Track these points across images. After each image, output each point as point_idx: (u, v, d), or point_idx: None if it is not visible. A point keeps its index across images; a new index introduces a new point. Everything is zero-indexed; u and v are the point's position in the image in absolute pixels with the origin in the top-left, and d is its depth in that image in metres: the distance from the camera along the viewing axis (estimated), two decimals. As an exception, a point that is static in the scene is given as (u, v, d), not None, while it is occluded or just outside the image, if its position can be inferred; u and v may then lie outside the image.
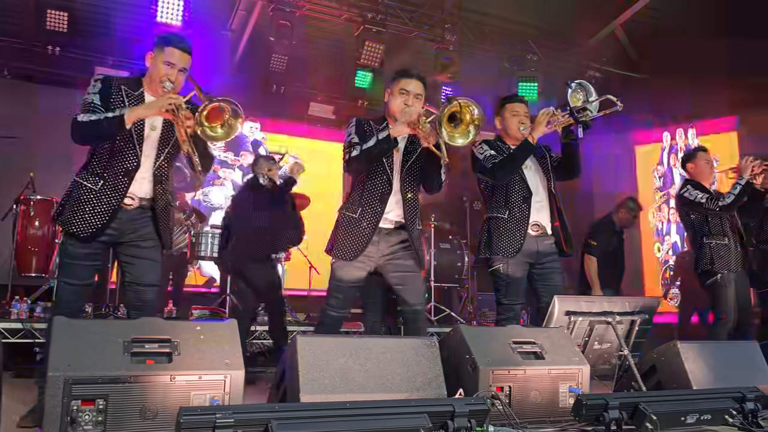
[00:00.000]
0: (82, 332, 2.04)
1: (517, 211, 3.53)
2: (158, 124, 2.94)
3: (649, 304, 3.23)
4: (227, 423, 1.71)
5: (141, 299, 2.94)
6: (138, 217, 2.94)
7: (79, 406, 1.90)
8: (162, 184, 2.97)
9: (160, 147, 2.95)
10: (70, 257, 2.85)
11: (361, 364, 2.33)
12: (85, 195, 2.84)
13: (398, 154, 3.16)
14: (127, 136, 2.85)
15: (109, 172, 2.86)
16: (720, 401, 2.47)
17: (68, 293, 2.86)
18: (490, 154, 3.57)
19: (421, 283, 3.28)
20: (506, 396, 2.49)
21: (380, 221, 3.10)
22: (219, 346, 2.17)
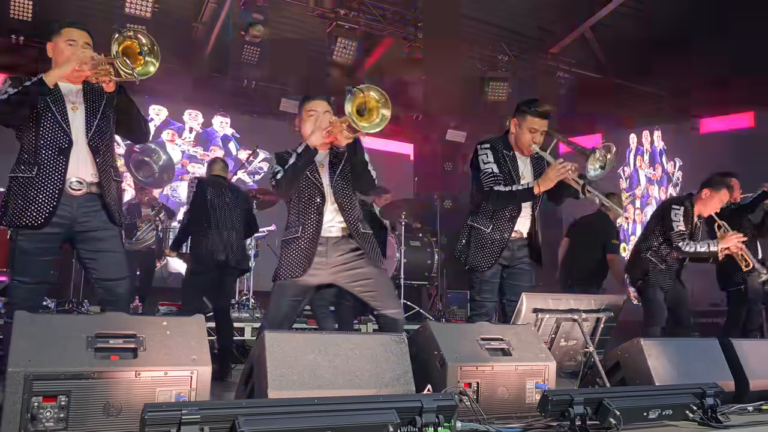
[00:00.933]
0: (43, 327, 1.99)
1: (501, 227, 3.51)
2: (79, 104, 2.90)
3: (614, 302, 3.29)
4: (193, 419, 1.68)
5: (113, 294, 2.87)
6: (89, 205, 2.86)
7: (40, 402, 1.85)
8: (101, 156, 2.89)
9: (88, 123, 2.88)
10: (23, 253, 2.75)
11: (330, 361, 2.32)
12: (24, 185, 2.77)
13: (324, 170, 3.12)
14: (50, 118, 2.81)
15: (42, 157, 2.78)
16: (681, 397, 2.52)
17: (23, 292, 2.76)
18: (491, 171, 3.49)
19: (391, 286, 3.20)
20: (474, 392, 2.51)
21: (321, 230, 3.01)
22: (185, 341, 2.14)
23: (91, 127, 2.89)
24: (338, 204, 3.05)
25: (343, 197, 3.08)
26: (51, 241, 2.80)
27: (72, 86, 2.91)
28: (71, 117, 2.86)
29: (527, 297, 3.05)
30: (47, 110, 2.81)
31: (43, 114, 2.81)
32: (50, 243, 2.81)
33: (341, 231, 3.05)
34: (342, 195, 3.08)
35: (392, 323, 3.00)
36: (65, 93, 2.88)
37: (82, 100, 2.91)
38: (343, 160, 3.11)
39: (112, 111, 2.98)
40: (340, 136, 2.94)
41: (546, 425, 2.39)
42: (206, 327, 2.25)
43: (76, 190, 2.83)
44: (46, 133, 2.80)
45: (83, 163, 2.86)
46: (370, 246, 3.07)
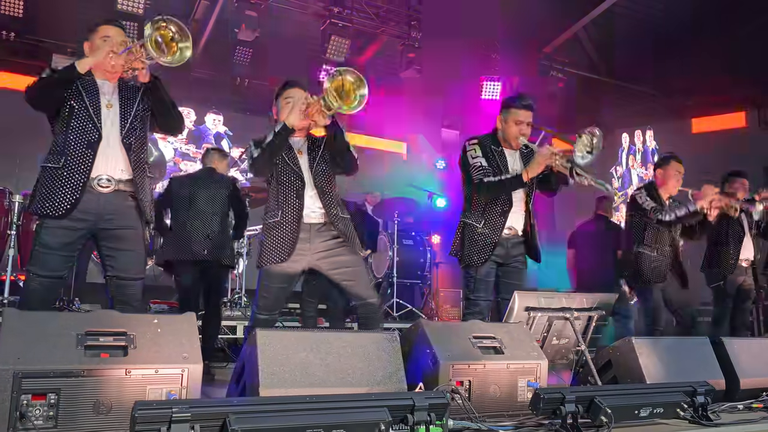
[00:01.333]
0: (33, 325, 1.97)
1: (493, 221, 3.51)
2: (114, 102, 2.92)
3: (606, 300, 3.30)
4: (184, 417, 1.68)
5: (125, 294, 2.87)
6: (117, 202, 2.87)
7: (30, 400, 1.83)
8: (134, 152, 2.92)
9: (122, 120, 2.92)
10: (44, 247, 2.75)
11: (322, 359, 2.31)
12: (51, 175, 2.79)
13: (303, 156, 3.16)
14: (83, 111, 2.83)
15: (70, 149, 2.80)
16: (672, 395, 2.53)
17: (38, 285, 2.75)
18: (480, 165, 3.52)
19: (368, 275, 3.26)
20: (466, 390, 2.51)
21: (302, 215, 3.05)
22: (176, 339, 2.12)
23: (125, 124, 2.91)
24: (317, 188, 3.09)
25: (323, 182, 3.12)
26: (73, 236, 2.80)
27: (108, 83, 2.94)
28: (105, 113, 2.89)
29: (519, 295, 3.05)
30: (80, 103, 2.84)
31: (76, 106, 2.84)
32: (72, 238, 2.80)
33: (322, 217, 3.08)
34: (321, 179, 3.12)
35: (371, 311, 3.08)
36: (101, 89, 2.92)
37: (117, 97, 2.95)
38: (322, 145, 3.16)
39: (146, 108, 3.01)
40: (318, 116, 2.99)
41: (537, 423, 2.39)
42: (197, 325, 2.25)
43: (105, 188, 2.85)
44: (77, 126, 2.83)
45: (114, 160, 2.88)
46: (349, 231, 3.12)
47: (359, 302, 3.10)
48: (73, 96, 2.85)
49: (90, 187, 2.82)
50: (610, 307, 3.32)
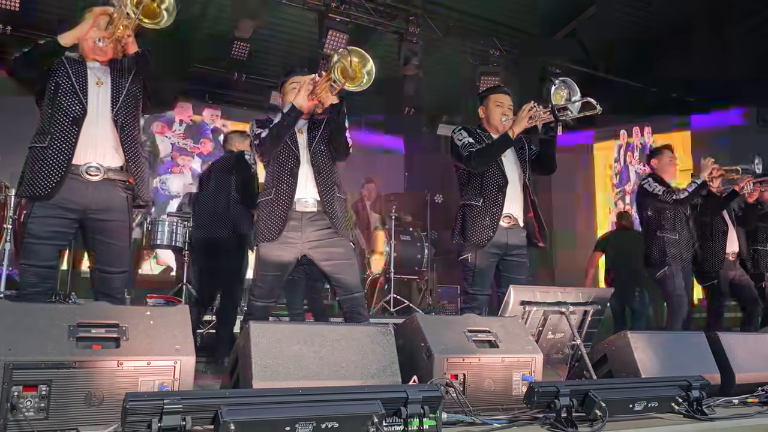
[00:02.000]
0: (24, 316, 1.96)
1: (491, 200, 3.55)
2: (106, 79, 2.91)
3: (602, 295, 3.30)
4: (175, 409, 1.67)
5: (108, 287, 2.87)
6: (105, 192, 2.85)
7: (21, 392, 1.82)
8: (128, 133, 2.89)
9: (113, 98, 2.90)
10: (33, 237, 2.74)
11: (316, 351, 2.30)
12: (37, 155, 2.78)
13: (303, 135, 3.21)
14: (68, 88, 2.81)
15: (55, 126, 2.78)
16: (667, 389, 2.53)
17: (30, 276, 2.74)
18: (468, 142, 3.59)
19: (356, 268, 3.28)
20: (460, 384, 2.50)
21: (294, 193, 3.09)
22: (169, 331, 2.11)
23: (117, 101, 2.89)
24: (313, 167, 3.13)
25: (319, 160, 3.16)
26: (63, 226, 2.78)
27: (99, 64, 2.93)
28: (93, 90, 2.86)
29: (515, 289, 3.04)
30: (67, 80, 2.83)
31: (62, 83, 2.82)
32: (61, 228, 2.78)
33: (316, 205, 3.12)
34: (318, 158, 3.17)
35: (354, 302, 3.16)
36: (91, 68, 2.90)
37: (108, 76, 2.93)
38: (322, 126, 3.20)
39: (139, 87, 2.99)
40: (325, 95, 3.03)
41: (532, 417, 2.38)
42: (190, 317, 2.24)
43: (93, 176, 2.82)
44: (62, 103, 2.81)
45: (104, 145, 2.85)
46: (343, 215, 3.18)
47: (345, 295, 3.13)
48: (59, 74, 2.83)
49: (78, 175, 2.79)
50: (606, 302, 3.31)
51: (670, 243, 4.58)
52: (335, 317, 5.53)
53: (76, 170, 2.80)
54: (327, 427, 1.83)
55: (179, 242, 6.06)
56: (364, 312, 3.19)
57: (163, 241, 6.08)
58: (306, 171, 3.14)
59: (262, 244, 3.12)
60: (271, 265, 3.11)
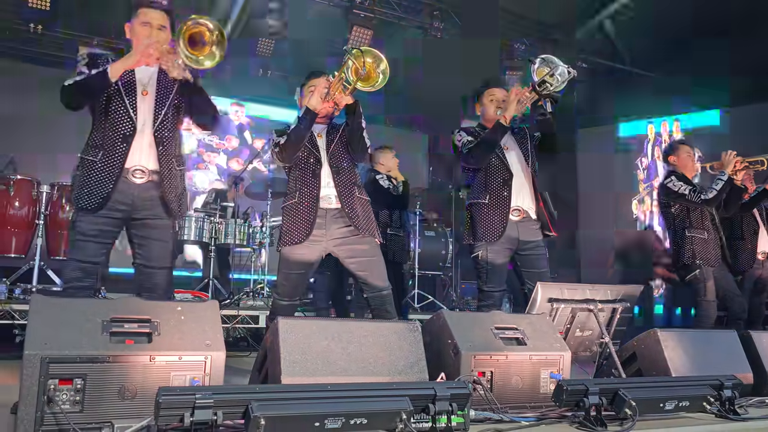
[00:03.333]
0: (60, 311, 2.00)
1: (498, 195, 3.55)
2: (150, 88, 2.95)
3: (631, 292, 3.25)
4: (207, 404, 1.69)
5: (151, 282, 2.94)
6: (150, 194, 2.92)
7: (57, 385, 1.86)
8: (163, 146, 2.94)
9: (156, 109, 2.94)
10: (80, 234, 2.84)
11: (343, 348, 2.32)
12: (88, 168, 2.86)
13: (322, 138, 3.24)
14: (119, 103, 2.87)
15: (107, 141, 2.86)
16: (698, 388, 2.49)
17: (75, 270, 2.83)
18: (467, 140, 3.62)
19: (383, 265, 3.27)
20: (488, 381, 2.49)
21: (319, 196, 3.12)
22: (199, 326, 2.14)
23: (158, 116, 2.94)
24: (332, 168, 3.16)
25: (339, 161, 3.19)
26: (108, 224, 2.87)
27: (146, 68, 2.96)
28: (139, 102, 2.91)
29: (542, 286, 3.02)
30: (117, 96, 2.88)
31: (113, 99, 2.88)
32: (107, 227, 2.87)
33: (338, 202, 3.14)
34: (337, 159, 3.20)
35: (382, 300, 3.16)
36: (138, 77, 2.93)
37: (154, 85, 2.96)
38: (340, 129, 3.24)
39: (182, 100, 3.02)
40: (339, 96, 3.03)
41: (560, 415, 2.37)
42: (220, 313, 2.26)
43: (138, 179, 2.90)
44: (113, 119, 2.87)
45: (147, 151, 2.92)
46: (365, 214, 3.14)
47: (372, 292, 3.13)
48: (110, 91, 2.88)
49: (125, 178, 2.87)
50: (635, 299, 3.27)
51: (700, 242, 4.46)
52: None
53: (124, 173, 2.88)
54: (356, 423, 1.84)
55: (205, 238, 6.11)
56: (391, 309, 3.19)
57: (189, 236, 6.14)
58: (327, 171, 3.17)
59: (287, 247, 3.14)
60: (296, 263, 3.13)
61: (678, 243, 4.58)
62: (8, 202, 5.30)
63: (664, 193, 4.65)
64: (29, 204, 5.35)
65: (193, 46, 2.78)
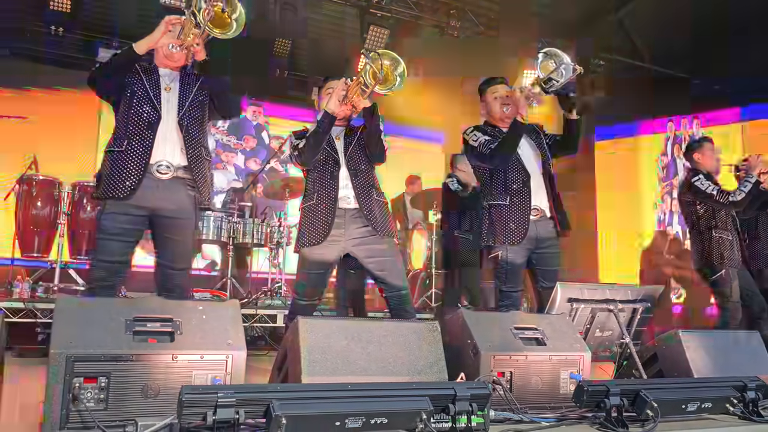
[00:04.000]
0: (84, 310, 2.03)
1: (518, 197, 3.52)
2: (174, 85, 3.03)
3: (651, 292, 3.23)
4: (229, 402, 1.70)
5: (171, 282, 2.97)
6: (174, 189, 2.95)
7: (82, 383, 1.89)
8: (189, 134, 2.99)
9: (180, 102, 3.02)
10: (105, 233, 2.86)
11: (363, 347, 2.32)
12: (115, 159, 2.90)
13: (340, 141, 3.25)
14: (143, 94, 2.94)
15: (132, 131, 2.91)
16: (721, 390, 2.46)
17: (99, 270, 2.86)
18: (485, 140, 3.56)
19: (401, 265, 3.28)
20: (507, 381, 2.49)
21: (337, 198, 3.14)
22: (221, 326, 2.16)
23: (183, 106, 3.01)
24: (350, 170, 3.18)
25: (357, 163, 3.21)
26: (133, 223, 2.90)
27: (169, 71, 3.07)
28: (164, 96, 2.99)
29: (562, 286, 3.01)
30: (141, 87, 2.96)
31: (137, 90, 2.96)
32: (132, 225, 2.89)
33: (357, 202, 3.15)
34: (355, 161, 3.21)
35: (400, 300, 3.16)
36: (162, 75, 3.04)
37: (177, 82, 3.05)
38: (358, 132, 3.25)
39: (205, 95, 3.10)
40: (357, 99, 3.04)
41: (581, 416, 2.35)
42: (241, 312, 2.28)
43: (164, 174, 2.93)
44: (137, 108, 2.94)
45: (172, 145, 2.97)
46: (382, 215, 3.15)
47: (390, 292, 3.14)
48: (134, 81, 2.97)
49: (150, 173, 2.90)
50: (655, 300, 3.24)
51: (726, 244, 4.42)
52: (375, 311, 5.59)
53: (149, 169, 2.92)
54: (376, 423, 1.84)
55: (224, 237, 6.16)
56: (409, 308, 3.19)
57: (208, 235, 6.19)
58: (345, 173, 3.19)
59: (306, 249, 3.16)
60: (315, 263, 3.15)
61: (704, 243, 4.51)
62: (31, 202, 5.38)
63: (691, 191, 4.57)
64: (51, 204, 5.43)
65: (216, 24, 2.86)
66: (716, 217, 4.47)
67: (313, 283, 3.19)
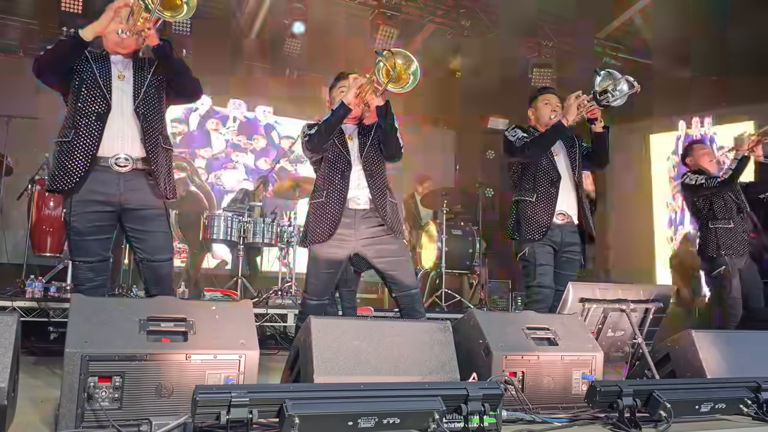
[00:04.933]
0: (98, 310, 2.05)
1: (545, 195, 3.60)
2: (127, 72, 2.93)
3: (664, 292, 3.21)
4: (242, 402, 1.71)
5: (158, 275, 2.92)
6: (137, 181, 2.88)
7: (96, 382, 1.91)
8: (147, 122, 2.90)
9: (135, 90, 2.91)
10: (77, 234, 2.81)
11: (375, 347, 2.33)
12: (62, 149, 2.82)
13: (353, 141, 3.25)
14: (92, 82, 2.84)
15: (80, 121, 2.82)
16: (735, 390, 2.45)
17: (84, 271, 2.83)
18: (522, 136, 3.67)
19: (411, 265, 3.30)
20: (519, 381, 2.49)
21: (346, 197, 3.13)
22: (234, 325, 2.17)
23: (138, 94, 2.91)
24: (365, 171, 3.18)
25: (371, 165, 3.21)
26: (102, 219, 2.84)
27: (121, 57, 2.96)
28: (116, 84, 2.89)
29: (573, 286, 3.00)
30: (90, 75, 2.86)
31: (86, 78, 2.86)
32: (102, 221, 2.84)
33: (368, 203, 3.14)
34: (369, 163, 3.21)
35: (410, 299, 3.17)
36: (114, 62, 2.93)
37: (131, 68, 2.95)
38: (372, 131, 3.25)
39: (161, 79, 3.00)
40: (370, 97, 3.06)
41: (593, 416, 2.35)
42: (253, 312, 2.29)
43: (123, 167, 2.85)
44: (86, 97, 2.84)
45: (130, 136, 2.87)
46: (394, 215, 3.20)
47: (400, 292, 3.15)
48: (83, 69, 2.86)
49: (108, 167, 2.83)
50: (668, 300, 3.23)
51: (724, 233, 4.39)
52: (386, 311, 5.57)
53: (106, 162, 2.83)
54: (389, 423, 1.85)
55: (234, 237, 6.17)
56: (420, 308, 3.20)
57: (219, 235, 6.21)
58: (358, 173, 3.18)
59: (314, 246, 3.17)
60: (325, 262, 3.16)
61: (703, 237, 4.53)
62: (43, 202, 5.41)
63: (683, 190, 4.67)
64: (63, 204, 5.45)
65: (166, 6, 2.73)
66: (714, 208, 4.47)
67: (323, 283, 3.20)
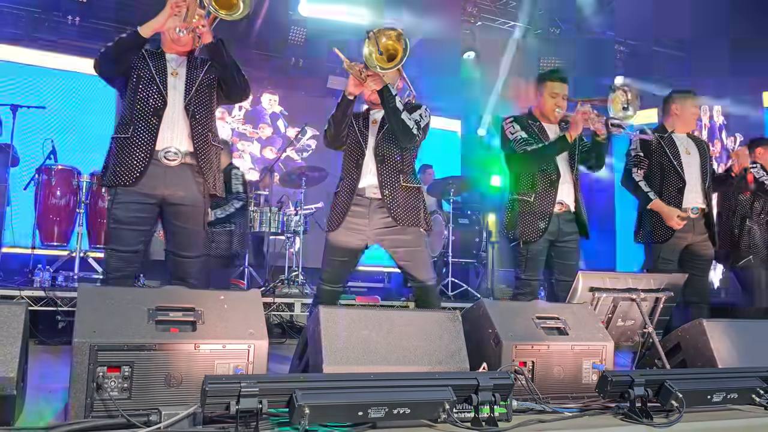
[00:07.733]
0: (107, 299, 2.04)
1: (544, 195, 3.52)
2: (181, 70, 2.99)
3: (675, 281, 3.18)
4: (252, 392, 1.70)
5: (182, 271, 2.95)
6: (183, 176, 2.93)
7: (105, 372, 1.90)
8: (196, 120, 2.95)
9: (187, 87, 2.97)
10: (116, 222, 2.85)
11: (384, 337, 2.31)
12: (121, 145, 2.88)
13: (376, 125, 3.20)
14: (149, 79, 2.91)
15: (137, 117, 2.88)
16: (747, 380, 2.42)
17: (114, 260, 2.86)
18: (521, 137, 3.54)
19: (428, 256, 3.22)
20: (529, 371, 2.47)
21: (357, 186, 3.11)
22: (242, 315, 2.16)
23: (189, 91, 2.96)
24: (377, 157, 3.12)
25: (384, 149, 3.13)
26: (145, 211, 2.88)
27: (176, 56, 3.02)
28: (170, 81, 2.95)
29: (583, 275, 2.98)
30: (147, 72, 2.93)
31: (143, 75, 2.92)
32: (143, 213, 2.88)
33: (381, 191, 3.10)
34: (383, 148, 3.14)
35: (425, 292, 3.13)
36: (168, 60, 3.00)
37: (184, 67, 3.01)
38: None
39: (213, 78, 3.04)
40: (368, 81, 3.00)
41: (603, 406, 2.33)
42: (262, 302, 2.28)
43: (172, 161, 2.91)
44: (143, 94, 2.91)
45: (180, 131, 2.93)
46: (407, 203, 3.10)
47: (416, 284, 3.11)
48: (140, 66, 2.93)
49: (157, 160, 2.88)
50: (679, 289, 3.20)
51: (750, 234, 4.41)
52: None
53: (156, 155, 2.89)
54: (399, 413, 1.84)
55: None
56: (434, 301, 3.15)
57: (225, 224, 6.18)
58: (371, 160, 3.14)
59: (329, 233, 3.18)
60: (338, 250, 3.14)
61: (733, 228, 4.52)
62: (50, 191, 5.42)
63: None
64: (70, 193, 5.46)
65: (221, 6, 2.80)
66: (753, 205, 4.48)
67: (337, 270, 3.18)
